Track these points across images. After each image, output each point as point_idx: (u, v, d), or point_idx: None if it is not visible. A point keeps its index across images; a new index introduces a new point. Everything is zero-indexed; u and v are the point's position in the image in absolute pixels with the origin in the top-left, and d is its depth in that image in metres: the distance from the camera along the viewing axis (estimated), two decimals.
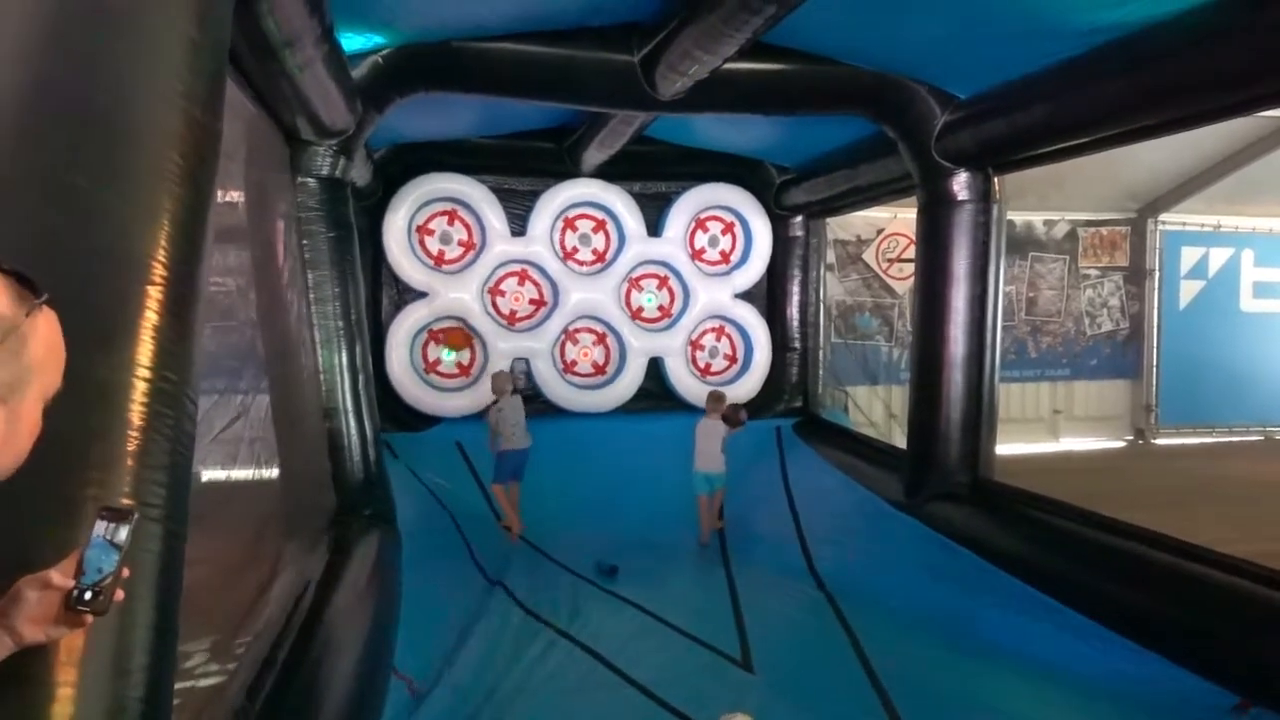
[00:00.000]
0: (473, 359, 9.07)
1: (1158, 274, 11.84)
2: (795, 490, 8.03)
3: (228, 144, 2.66)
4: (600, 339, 9.45)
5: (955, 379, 6.53)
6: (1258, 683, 4.07)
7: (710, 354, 9.78)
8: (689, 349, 9.59)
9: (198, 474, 2.70)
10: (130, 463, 1.87)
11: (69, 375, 1.32)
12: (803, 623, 5.59)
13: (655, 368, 9.43)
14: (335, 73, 4.55)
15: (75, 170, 2.07)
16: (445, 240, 9.03)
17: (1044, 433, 11.73)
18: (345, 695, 3.69)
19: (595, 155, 8.33)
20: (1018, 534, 5.86)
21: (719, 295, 9.55)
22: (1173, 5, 4.41)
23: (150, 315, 2.01)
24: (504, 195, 9.03)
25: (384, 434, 6.44)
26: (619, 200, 9.18)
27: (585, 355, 9.45)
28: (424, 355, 8.97)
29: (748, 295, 9.71)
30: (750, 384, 9.57)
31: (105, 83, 2.23)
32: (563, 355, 9.34)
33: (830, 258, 10.67)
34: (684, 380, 9.41)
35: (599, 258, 9.39)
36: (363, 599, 4.65)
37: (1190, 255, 11.91)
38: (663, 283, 9.59)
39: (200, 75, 2.39)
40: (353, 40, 5.25)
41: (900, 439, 8.38)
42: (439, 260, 8.99)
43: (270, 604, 3.89)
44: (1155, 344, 11.88)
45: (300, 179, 5.54)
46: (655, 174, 9.40)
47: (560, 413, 8.93)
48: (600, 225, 9.37)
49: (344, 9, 4.41)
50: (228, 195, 3.99)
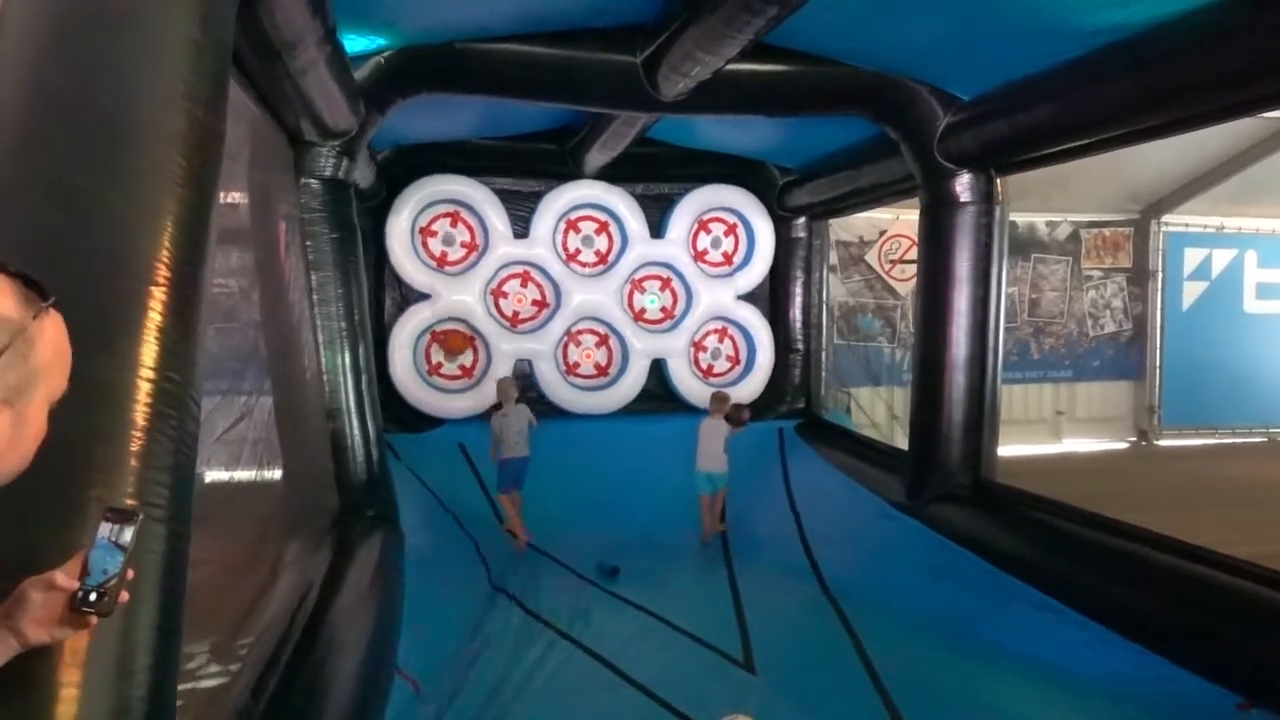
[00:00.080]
0: (475, 360, 9.06)
1: (1161, 275, 11.82)
2: (797, 492, 8.03)
3: (231, 145, 2.67)
4: (603, 340, 9.44)
5: (957, 380, 6.52)
6: (1260, 684, 4.06)
7: (713, 355, 9.77)
8: (691, 350, 9.58)
9: (201, 475, 2.70)
10: (134, 463, 1.88)
11: (72, 375, 1.32)
12: (805, 624, 5.59)
13: (658, 369, 9.42)
14: (338, 74, 4.56)
15: (78, 171, 2.08)
16: (448, 242, 9.03)
17: (1046, 434, 11.70)
18: (348, 695, 3.69)
19: (598, 157, 8.33)
20: (1020, 535, 5.85)
21: (721, 297, 9.54)
22: (1175, 6, 4.41)
23: (154, 316, 2.01)
24: (506, 197, 9.03)
25: (386, 435, 6.44)
26: (621, 202, 9.18)
27: (588, 357, 9.44)
28: (427, 356, 8.97)
29: (750, 297, 9.70)
30: (753, 385, 9.55)
31: (108, 84, 2.24)
32: (565, 357, 9.34)
33: (833, 259, 10.65)
34: (686, 382, 9.40)
35: (601, 259, 9.38)
36: (366, 600, 4.65)
37: (1193, 256, 11.89)
38: (665, 284, 9.58)
39: (203, 76, 2.40)
40: (355, 41, 5.26)
41: (903, 440, 8.37)
42: (442, 261, 8.99)
43: (273, 604, 3.89)
44: (1158, 345, 11.86)
45: (303, 180, 5.55)
46: (658, 175, 9.39)
47: (563, 414, 8.92)
48: (603, 227, 9.36)
49: (346, 10, 4.41)
50: (231, 197, 4.00)
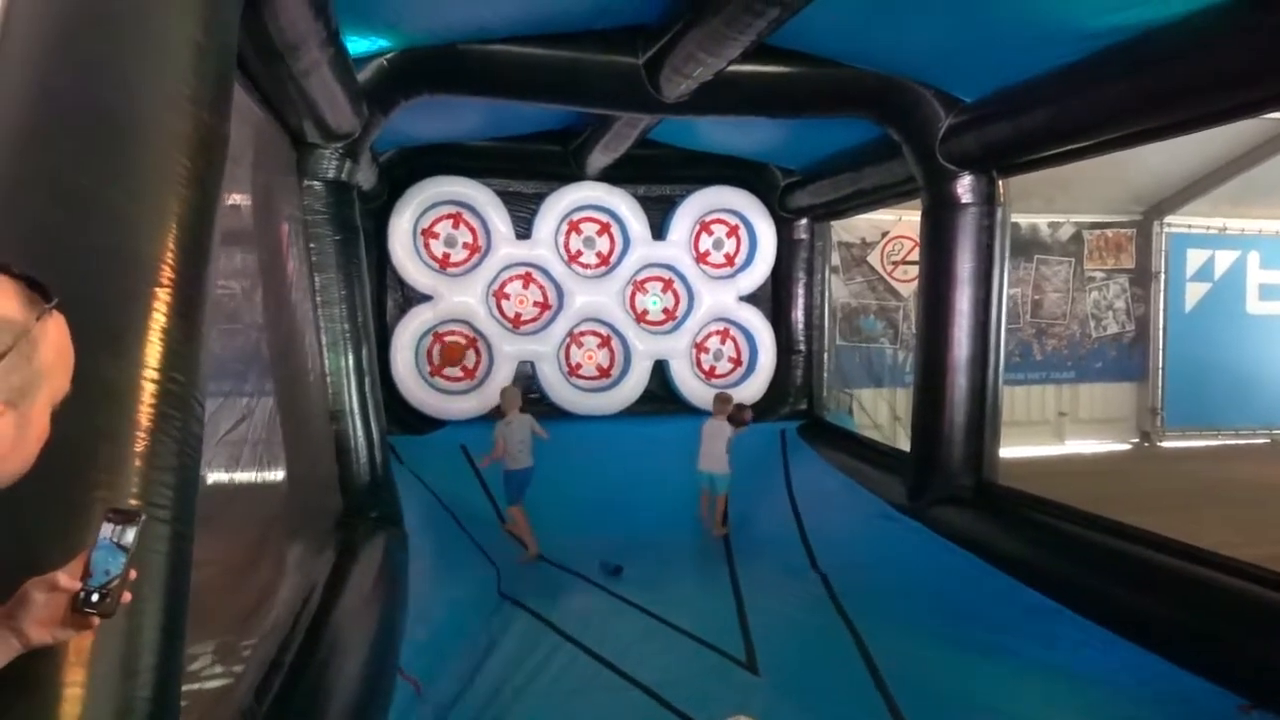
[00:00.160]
0: (478, 361, 9.07)
1: (1163, 276, 11.80)
2: (799, 493, 8.02)
3: (234, 147, 2.68)
4: (605, 342, 9.44)
5: (959, 382, 6.52)
6: (1262, 686, 4.05)
7: (715, 357, 9.77)
8: (693, 352, 9.58)
9: (204, 476, 2.71)
10: (138, 464, 1.88)
11: (77, 376, 1.32)
12: (807, 624, 5.58)
13: (660, 371, 9.42)
14: (341, 76, 4.56)
15: (83, 172, 2.09)
16: (450, 243, 9.04)
17: (1049, 435, 11.68)
18: (351, 697, 3.69)
19: (600, 158, 8.34)
20: (1022, 537, 5.85)
21: (723, 298, 9.54)
22: (1177, 8, 4.41)
23: (158, 317, 2.02)
24: (509, 198, 9.03)
25: (388, 437, 6.44)
26: (623, 203, 9.18)
27: (590, 358, 9.44)
28: (429, 358, 8.98)
29: (752, 298, 9.69)
30: (755, 387, 9.55)
31: (113, 86, 2.24)
32: (567, 358, 9.34)
33: (835, 260, 10.65)
34: (688, 383, 9.40)
35: (603, 261, 9.39)
36: (369, 601, 4.66)
37: (1196, 258, 11.87)
38: (667, 286, 9.58)
39: (207, 78, 2.41)
40: (358, 43, 5.26)
41: (905, 441, 8.37)
42: (444, 263, 9.00)
43: (277, 606, 3.90)
44: (1161, 346, 11.84)
45: (306, 182, 5.56)
46: (660, 177, 9.39)
47: (565, 415, 8.91)
48: (605, 228, 9.37)
49: (349, 12, 4.42)
50: (234, 198, 4.01)
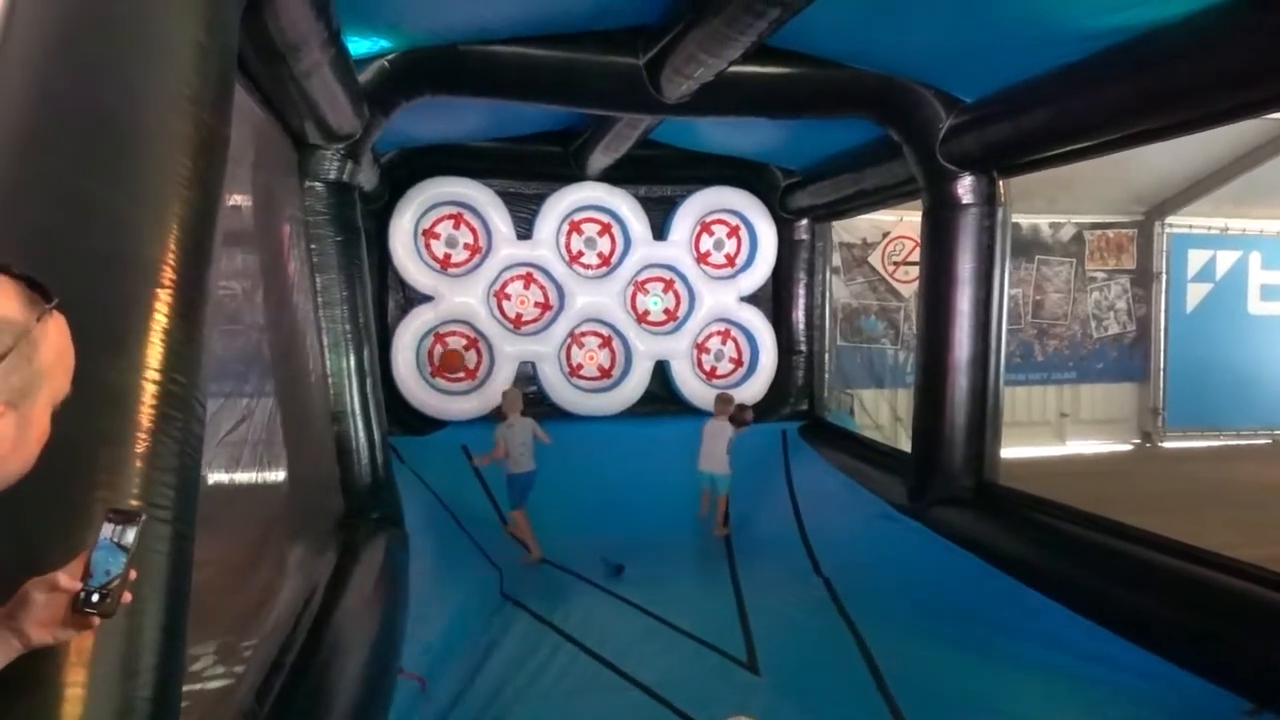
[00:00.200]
0: (479, 362, 9.07)
1: (1165, 277, 11.79)
2: (800, 493, 8.02)
3: (235, 148, 2.68)
4: (606, 342, 9.45)
5: (960, 382, 6.51)
6: (1264, 688, 4.05)
7: (716, 357, 9.77)
8: (695, 352, 9.58)
9: (205, 477, 2.71)
10: (139, 465, 1.89)
11: (78, 378, 1.33)
12: (808, 625, 5.58)
13: (661, 371, 9.43)
14: (342, 77, 4.56)
15: (84, 174, 2.09)
16: (451, 244, 9.04)
17: (1050, 436, 11.68)
18: (352, 698, 3.69)
19: (601, 159, 8.34)
20: (1023, 538, 5.84)
21: (724, 298, 9.53)
22: (1177, 8, 4.41)
23: (159, 318, 2.02)
24: (510, 199, 9.03)
25: (390, 437, 6.44)
26: (624, 204, 9.18)
27: (591, 359, 9.45)
28: (430, 359, 8.98)
29: (753, 298, 9.69)
30: (756, 387, 9.55)
31: (114, 87, 2.25)
32: (568, 359, 9.34)
33: (836, 261, 10.65)
34: (690, 383, 9.39)
35: (604, 261, 9.39)
36: (370, 602, 4.66)
37: (1197, 258, 11.87)
38: (668, 286, 9.58)
39: (208, 80, 2.41)
40: (359, 44, 5.26)
41: (906, 442, 8.37)
42: (445, 263, 9.00)
43: (278, 606, 3.90)
44: (1162, 347, 11.83)
45: (308, 183, 5.56)
46: (660, 177, 9.39)
47: (566, 416, 8.92)
48: (606, 229, 9.37)
49: (350, 13, 4.42)
50: (235, 199, 4.01)
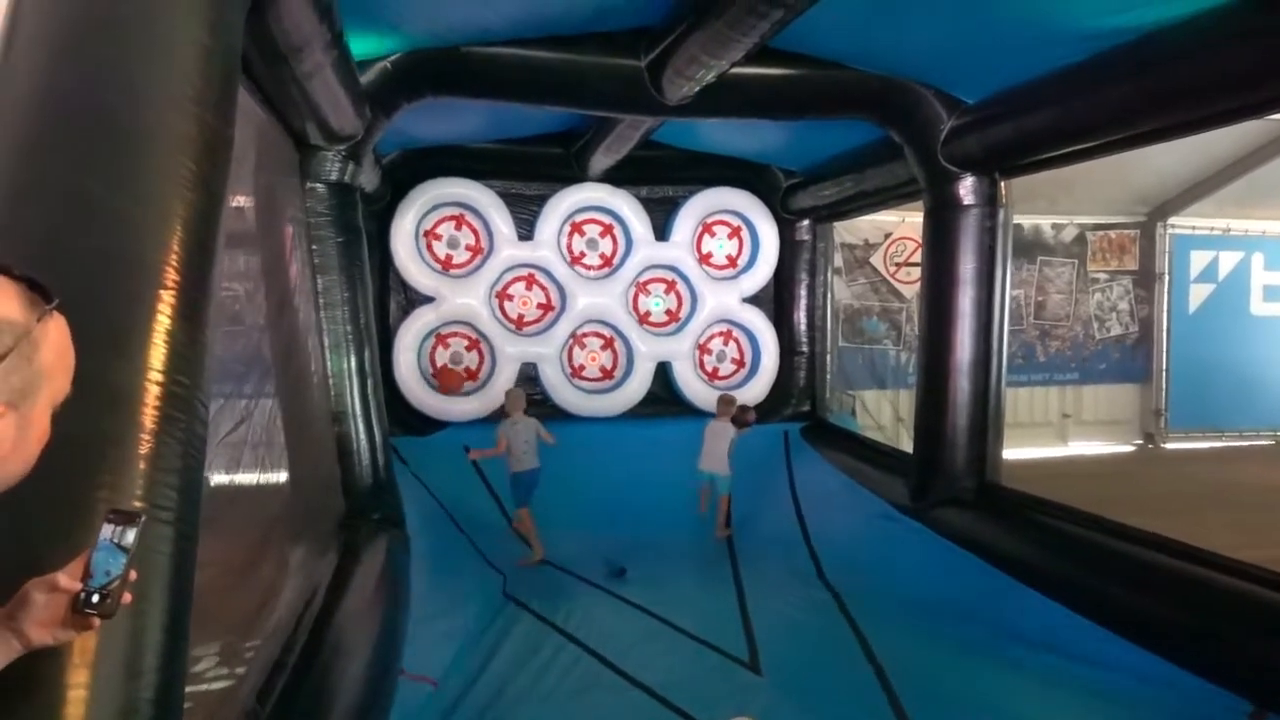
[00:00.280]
0: (481, 362, 9.07)
1: (1167, 277, 11.80)
2: (802, 494, 8.02)
3: (238, 149, 2.68)
4: (608, 343, 9.45)
5: (962, 384, 6.51)
6: (1266, 689, 4.04)
7: (718, 358, 9.77)
8: (696, 353, 9.58)
9: (207, 478, 2.71)
10: (142, 466, 1.89)
11: (81, 379, 1.33)
12: (810, 625, 5.58)
13: (663, 372, 9.42)
14: (344, 78, 4.57)
15: (88, 175, 2.09)
16: (453, 245, 9.04)
17: (1052, 437, 11.68)
18: (354, 699, 3.69)
19: (602, 160, 8.34)
20: (1025, 539, 5.83)
21: (726, 299, 9.53)
22: (1180, 9, 4.41)
23: (162, 319, 2.02)
24: (511, 200, 9.03)
25: (391, 438, 6.44)
26: (626, 205, 9.18)
27: (593, 360, 9.45)
28: (431, 360, 8.98)
29: (755, 299, 9.68)
30: (758, 388, 9.54)
31: (117, 88, 2.25)
32: (570, 360, 9.34)
33: (837, 262, 10.66)
34: (691, 384, 9.39)
35: (606, 262, 9.39)
36: (372, 603, 4.66)
37: (1200, 259, 11.87)
38: (670, 287, 9.58)
39: (212, 81, 2.41)
40: (361, 45, 5.27)
41: (908, 443, 8.36)
42: (446, 264, 9.00)
43: (280, 607, 3.90)
44: (1165, 348, 11.83)
45: (309, 184, 5.56)
46: (662, 178, 9.39)
47: (568, 417, 8.92)
48: (607, 230, 9.37)
49: (352, 14, 4.42)
50: (237, 200, 4.01)
